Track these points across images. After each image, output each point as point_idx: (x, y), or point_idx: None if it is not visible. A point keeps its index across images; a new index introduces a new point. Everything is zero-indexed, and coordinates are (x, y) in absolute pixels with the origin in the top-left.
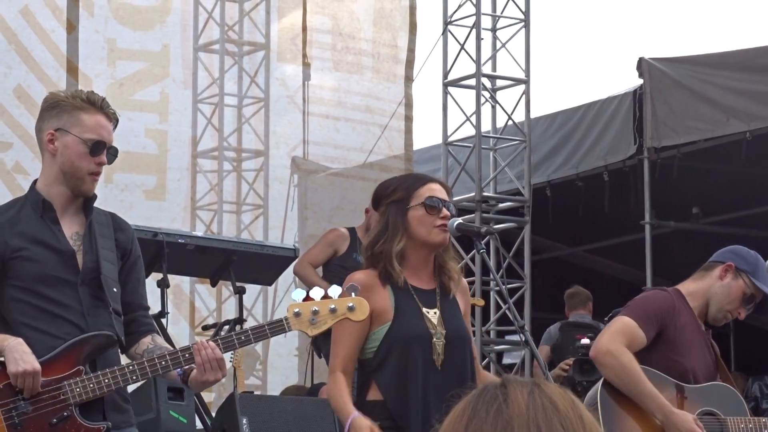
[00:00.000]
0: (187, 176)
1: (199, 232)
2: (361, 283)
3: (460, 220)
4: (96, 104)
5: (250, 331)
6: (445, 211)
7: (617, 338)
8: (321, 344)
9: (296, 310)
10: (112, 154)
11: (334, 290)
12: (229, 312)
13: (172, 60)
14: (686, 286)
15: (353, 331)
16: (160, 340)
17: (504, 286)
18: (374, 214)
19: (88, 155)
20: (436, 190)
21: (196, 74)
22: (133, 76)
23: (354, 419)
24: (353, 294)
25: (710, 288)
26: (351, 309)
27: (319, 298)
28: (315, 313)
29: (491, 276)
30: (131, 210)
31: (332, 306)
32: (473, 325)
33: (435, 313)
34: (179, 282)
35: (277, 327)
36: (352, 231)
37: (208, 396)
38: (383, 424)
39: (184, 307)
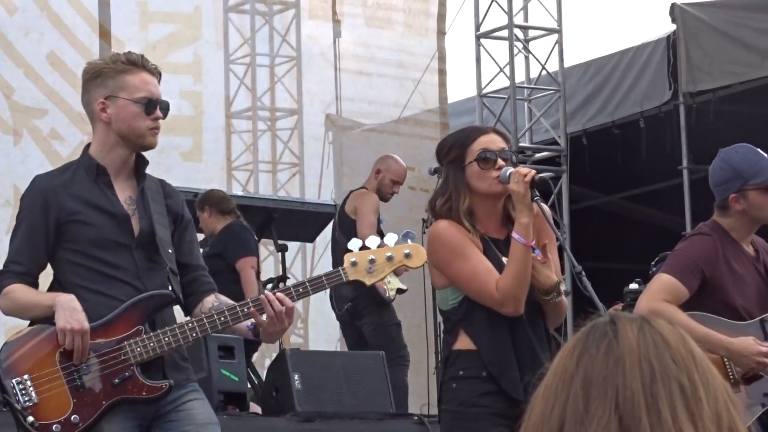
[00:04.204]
0: (223, 137)
1: (237, 192)
2: (451, 226)
3: (512, 168)
4: (137, 63)
5: (307, 283)
6: (500, 162)
7: (657, 296)
8: (363, 311)
9: (353, 259)
10: (165, 107)
11: (390, 238)
12: (269, 271)
13: (204, 21)
14: (722, 219)
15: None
16: (223, 298)
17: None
18: (386, 176)
19: (143, 114)
20: (489, 141)
21: (228, 35)
22: (165, 38)
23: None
24: (409, 241)
25: (741, 221)
26: (408, 256)
27: (376, 246)
28: (372, 261)
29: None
30: (168, 172)
31: (389, 254)
32: None
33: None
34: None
35: (335, 277)
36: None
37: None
38: (479, 374)
39: None
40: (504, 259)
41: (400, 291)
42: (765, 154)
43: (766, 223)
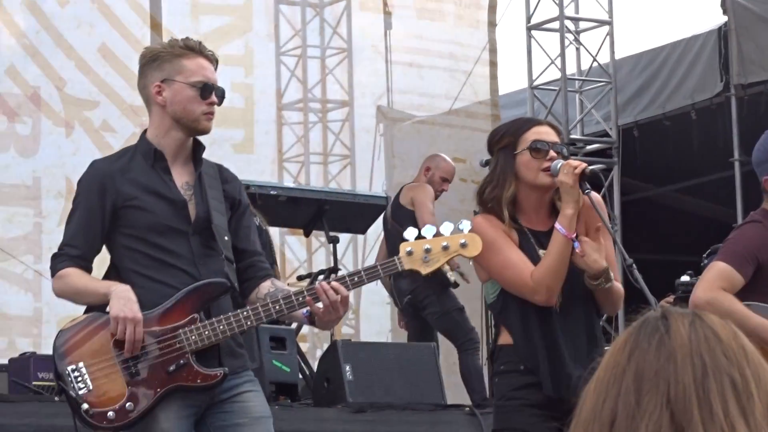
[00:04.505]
0: (274, 129)
1: (288, 184)
2: (487, 220)
3: (563, 161)
4: (195, 48)
5: (363, 272)
6: (552, 153)
7: (713, 285)
8: (424, 302)
9: (408, 248)
10: (221, 93)
11: (446, 227)
12: (320, 262)
13: (255, 13)
14: None
15: (514, 245)
16: (280, 284)
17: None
18: (436, 173)
19: (198, 98)
20: (543, 132)
21: (278, 27)
22: (216, 30)
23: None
24: (465, 230)
25: None
26: (463, 245)
27: (431, 236)
28: (427, 251)
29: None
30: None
31: (444, 243)
32: None
33: None
34: (270, 233)
35: (390, 266)
36: None
37: (302, 345)
38: (517, 368)
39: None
40: (541, 252)
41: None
42: None
43: None
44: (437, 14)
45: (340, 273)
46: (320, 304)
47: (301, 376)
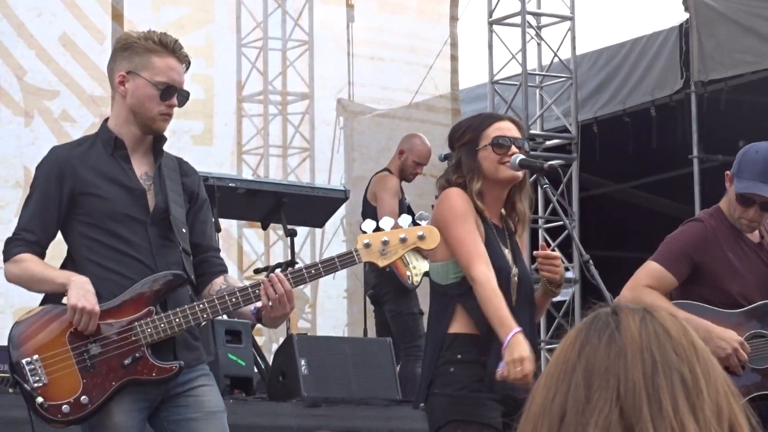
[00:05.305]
0: (234, 121)
1: (247, 177)
2: (463, 195)
3: (522, 156)
4: (168, 47)
5: (320, 264)
6: (513, 149)
7: (639, 283)
8: (383, 298)
9: (366, 241)
10: (183, 96)
11: (404, 220)
12: (277, 256)
13: (217, 5)
14: (723, 204)
15: (476, 229)
16: (232, 280)
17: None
18: (409, 156)
19: (158, 98)
20: (504, 128)
21: (240, 18)
22: (177, 21)
23: (515, 335)
24: (423, 223)
25: (728, 201)
26: (421, 237)
27: (389, 228)
28: (385, 243)
29: (546, 213)
30: (179, 155)
31: (402, 235)
32: None
33: (507, 251)
34: (227, 226)
35: (348, 259)
36: (390, 173)
37: (258, 339)
38: (479, 359)
39: (233, 252)
40: (505, 250)
41: (427, 274)
42: None
43: (733, 221)
44: (399, 8)
45: (297, 266)
46: (266, 298)
47: (256, 370)
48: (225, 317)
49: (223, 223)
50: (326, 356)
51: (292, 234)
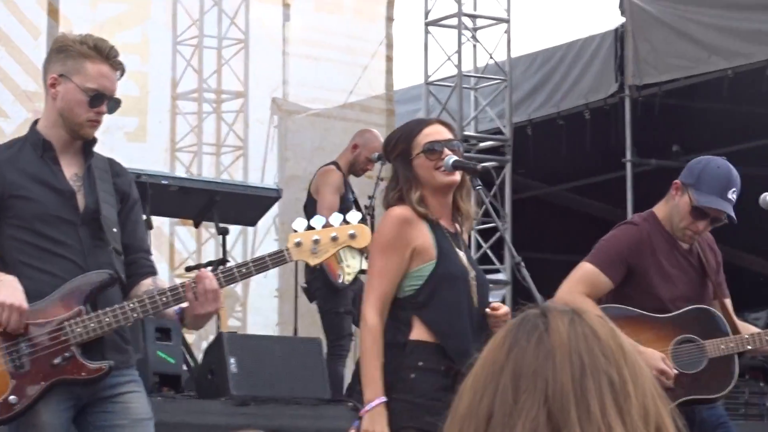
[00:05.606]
0: (168, 118)
1: (180, 174)
2: (402, 216)
3: (455, 157)
4: (103, 53)
5: (251, 263)
6: (446, 151)
7: (575, 287)
8: (314, 294)
9: (297, 239)
10: (114, 104)
11: (336, 218)
12: (209, 254)
13: (153, 2)
14: (659, 209)
15: (397, 265)
16: (161, 282)
17: (500, 223)
18: (362, 152)
19: (87, 105)
20: (434, 132)
21: (176, 16)
22: (114, 18)
23: (377, 406)
24: (355, 221)
25: (671, 208)
26: (353, 236)
27: (321, 226)
28: (316, 242)
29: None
30: (112, 152)
31: (333, 234)
32: None
33: (462, 254)
34: (159, 224)
35: (278, 257)
36: (338, 167)
37: (188, 337)
38: (438, 368)
39: (164, 249)
40: (460, 253)
41: (363, 272)
42: (730, 195)
43: (674, 229)
44: (335, 7)
45: (228, 264)
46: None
47: (185, 368)
48: None
49: (155, 220)
50: (256, 355)
51: (224, 232)
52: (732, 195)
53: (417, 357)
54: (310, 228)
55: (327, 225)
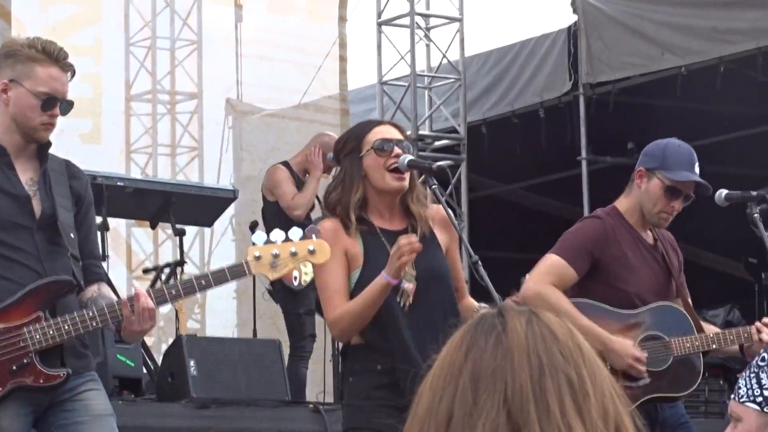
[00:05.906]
0: (122, 120)
1: (135, 176)
2: (330, 230)
3: (410, 156)
4: (52, 55)
5: (210, 276)
6: (396, 150)
7: (544, 278)
8: (276, 296)
9: (257, 253)
10: (67, 106)
11: (295, 233)
12: (166, 255)
13: (105, 4)
14: (621, 203)
15: (340, 265)
16: (106, 289)
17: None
18: (322, 152)
19: (39, 108)
20: (385, 132)
21: (129, 17)
22: (66, 20)
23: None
24: (314, 236)
25: (637, 198)
26: (312, 252)
27: (280, 241)
28: (276, 256)
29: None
30: (67, 154)
31: (293, 249)
32: None
33: None
34: (116, 225)
35: (238, 270)
36: (288, 166)
37: (147, 339)
38: (375, 368)
39: (122, 251)
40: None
41: None
42: (696, 170)
43: (648, 216)
44: (288, 8)
45: (186, 276)
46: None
47: (145, 371)
48: None
49: (112, 222)
50: (215, 357)
51: (180, 233)
52: (697, 168)
53: (354, 361)
54: (269, 242)
55: (286, 239)
